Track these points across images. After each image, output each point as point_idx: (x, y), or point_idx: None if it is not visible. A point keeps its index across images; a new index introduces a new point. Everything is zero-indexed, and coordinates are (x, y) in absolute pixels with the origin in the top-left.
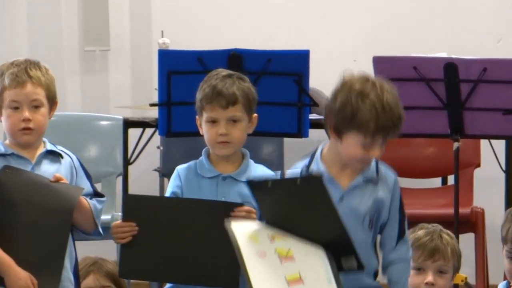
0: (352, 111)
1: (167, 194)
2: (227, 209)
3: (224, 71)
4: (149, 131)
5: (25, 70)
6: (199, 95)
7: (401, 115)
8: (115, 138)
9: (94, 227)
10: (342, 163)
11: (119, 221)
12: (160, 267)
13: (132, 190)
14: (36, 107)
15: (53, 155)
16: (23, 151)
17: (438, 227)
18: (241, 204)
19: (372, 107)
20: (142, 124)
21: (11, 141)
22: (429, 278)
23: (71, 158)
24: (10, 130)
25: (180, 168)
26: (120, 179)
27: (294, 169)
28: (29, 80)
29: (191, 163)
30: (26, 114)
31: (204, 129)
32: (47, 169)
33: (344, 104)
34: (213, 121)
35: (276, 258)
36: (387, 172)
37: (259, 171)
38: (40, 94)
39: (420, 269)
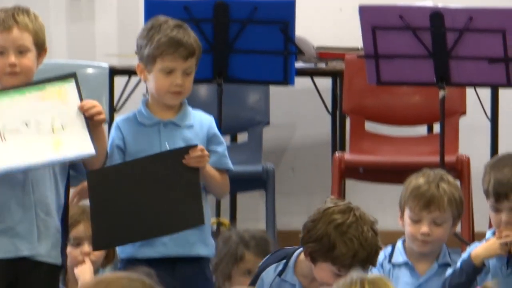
0: (329, 245)
1: (109, 148)
2: (182, 154)
3: (172, 20)
4: (135, 79)
5: (12, 16)
6: (151, 44)
7: (378, 249)
8: (101, 86)
9: (103, 163)
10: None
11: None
12: (132, 230)
13: None
14: (21, 52)
15: None
16: None
17: (439, 173)
18: (194, 146)
19: (351, 244)
20: (128, 72)
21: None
22: (424, 228)
23: None
24: None
25: (119, 119)
26: (106, 127)
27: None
28: (15, 25)
29: (130, 114)
30: (12, 59)
31: (154, 77)
32: None
33: (322, 236)
34: (169, 71)
35: None
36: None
37: (198, 116)
38: (27, 40)
39: (416, 219)
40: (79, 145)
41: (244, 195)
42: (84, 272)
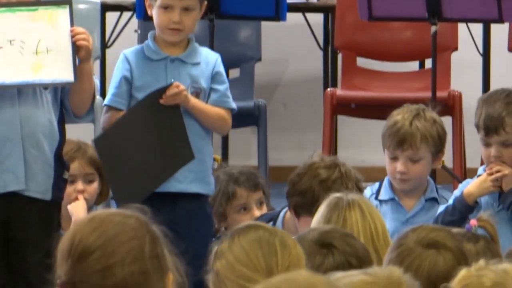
0: (313, 199)
1: (117, 79)
2: (160, 95)
3: None
4: (126, 14)
5: None
6: None
7: None
8: (92, 21)
9: (89, 108)
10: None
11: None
12: (143, 181)
13: (109, 73)
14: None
15: None
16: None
17: (417, 109)
18: (170, 84)
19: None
20: (120, 7)
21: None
22: (399, 167)
23: None
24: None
25: (127, 51)
26: (98, 63)
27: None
28: None
29: (137, 47)
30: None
31: (155, 13)
32: None
33: (306, 190)
34: (166, 7)
35: None
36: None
37: (205, 53)
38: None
39: (392, 157)
40: (59, 71)
41: (236, 131)
42: (77, 209)
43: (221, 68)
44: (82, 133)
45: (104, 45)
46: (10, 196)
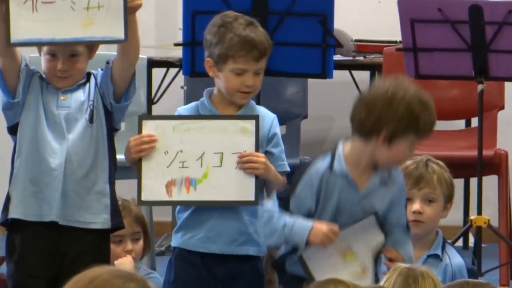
0: (416, 117)
1: None
2: None
3: (242, 17)
4: (173, 71)
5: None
6: (222, 44)
7: None
8: (139, 77)
9: (132, 77)
10: (365, 166)
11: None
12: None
13: None
14: (73, 55)
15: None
16: None
17: (426, 157)
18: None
19: (432, 111)
20: (166, 63)
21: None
22: (416, 206)
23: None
24: None
25: (181, 109)
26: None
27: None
28: None
29: (192, 104)
30: None
31: (225, 77)
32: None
33: (404, 111)
34: (241, 72)
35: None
36: (395, 171)
37: (262, 112)
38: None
39: (408, 199)
40: (110, 28)
41: None
42: (124, 266)
43: (277, 130)
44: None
45: (151, 101)
46: (64, 227)
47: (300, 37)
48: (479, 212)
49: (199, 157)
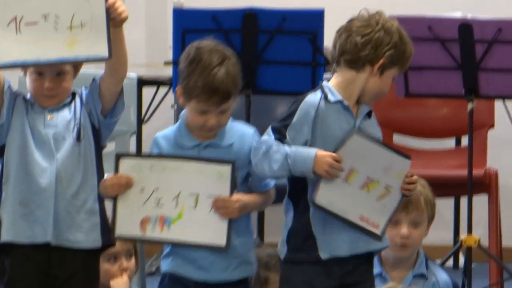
0: (404, 48)
1: None
2: None
3: (217, 52)
4: (163, 89)
5: None
6: (188, 81)
7: None
8: (129, 96)
9: (120, 93)
10: (356, 96)
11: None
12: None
13: (145, 149)
14: (60, 74)
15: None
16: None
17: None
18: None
19: (412, 48)
20: (156, 82)
21: None
22: (404, 230)
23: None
24: None
25: (160, 136)
26: (134, 138)
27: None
28: None
29: (170, 132)
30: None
31: (190, 111)
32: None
33: (399, 40)
34: (204, 112)
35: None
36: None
37: (239, 129)
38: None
39: (395, 222)
40: (94, 46)
41: (272, 209)
42: (120, 285)
43: None
44: None
45: (141, 121)
46: (55, 248)
47: (290, 55)
48: (469, 231)
49: (175, 196)
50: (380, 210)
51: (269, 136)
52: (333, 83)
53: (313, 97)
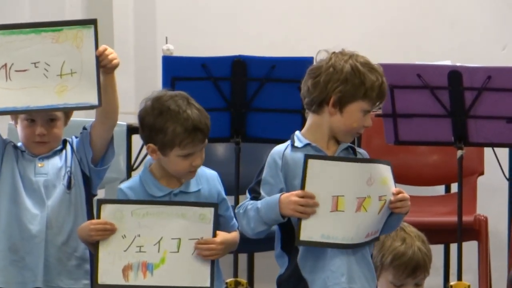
0: (360, 79)
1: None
2: None
3: (177, 96)
4: None
5: None
6: (165, 134)
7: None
8: (118, 144)
9: (110, 140)
10: (328, 137)
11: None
12: None
13: None
14: (52, 120)
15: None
16: None
17: (412, 234)
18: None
19: (376, 72)
20: None
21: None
22: None
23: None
24: None
25: (125, 187)
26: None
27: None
28: None
29: (135, 183)
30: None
31: (172, 161)
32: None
33: (346, 76)
34: (188, 155)
35: None
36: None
37: (202, 174)
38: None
39: (399, 285)
40: (84, 94)
41: (262, 254)
42: None
43: (221, 189)
44: None
45: (130, 168)
46: None
47: (279, 103)
48: (459, 278)
49: (157, 242)
50: (381, 218)
51: (246, 198)
52: (303, 130)
53: (279, 148)
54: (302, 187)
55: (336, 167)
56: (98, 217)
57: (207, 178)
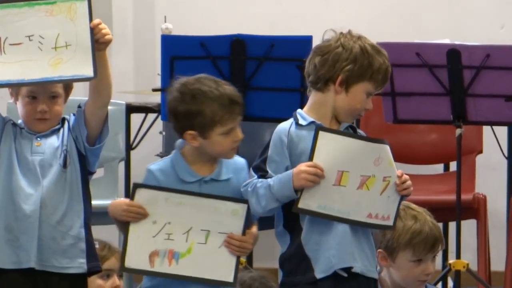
0: (368, 60)
1: None
2: None
3: (207, 81)
4: (151, 116)
5: None
6: (204, 114)
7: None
8: (117, 123)
9: (106, 118)
10: (331, 116)
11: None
12: None
13: (134, 175)
14: (53, 97)
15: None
16: None
17: (420, 210)
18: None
19: (385, 59)
20: (145, 109)
21: None
22: (430, 268)
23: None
24: None
25: (155, 169)
26: (122, 164)
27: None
28: None
29: (166, 165)
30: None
31: (216, 141)
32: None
33: (357, 54)
34: (230, 131)
35: None
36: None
37: (232, 163)
38: (58, 86)
39: (419, 260)
40: (79, 66)
41: (261, 233)
42: None
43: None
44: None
45: (129, 147)
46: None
47: (278, 82)
48: (458, 256)
49: (186, 231)
50: (387, 201)
51: (252, 176)
52: (305, 108)
53: (284, 125)
54: (311, 158)
55: (346, 142)
56: (132, 199)
57: (236, 168)
